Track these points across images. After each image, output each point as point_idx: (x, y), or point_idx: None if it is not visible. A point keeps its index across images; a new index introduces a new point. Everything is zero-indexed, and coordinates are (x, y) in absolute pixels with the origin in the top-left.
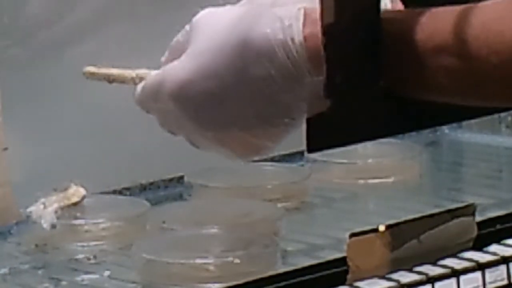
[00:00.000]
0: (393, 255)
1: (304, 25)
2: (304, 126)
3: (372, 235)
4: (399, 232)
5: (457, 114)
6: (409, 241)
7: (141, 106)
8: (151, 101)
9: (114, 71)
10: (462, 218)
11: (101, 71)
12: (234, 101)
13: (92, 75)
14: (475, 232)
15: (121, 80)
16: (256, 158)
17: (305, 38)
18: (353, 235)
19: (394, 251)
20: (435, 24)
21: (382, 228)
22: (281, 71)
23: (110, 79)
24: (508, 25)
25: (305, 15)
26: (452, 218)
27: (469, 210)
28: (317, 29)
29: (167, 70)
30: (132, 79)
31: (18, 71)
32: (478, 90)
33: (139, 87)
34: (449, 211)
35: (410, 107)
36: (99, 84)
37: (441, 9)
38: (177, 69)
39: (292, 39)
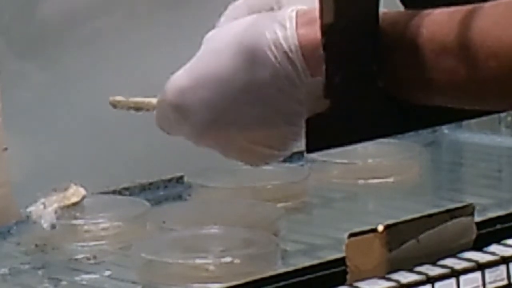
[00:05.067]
0: (392, 255)
1: (297, 24)
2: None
3: (370, 235)
4: (397, 232)
5: (457, 114)
6: (407, 241)
7: (160, 126)
8: (164, 119)
9: (142, 100)
10: (461, 218)
11: (128, 100)
12: (233, 107)
13: (119, 104)
14: (474, 232)
15: (149, 108)
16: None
17: (299, 37)
18: (351, 235)
19: (392, 251)
20: (434, 26)
21: (380, 228)
22: (275, 72)
23: (137, 107)
24: (505, 30)
25: (299, 15)
26: (451, 218)
27: (468, 210)
28: (312, 28)
29: (168, 81)
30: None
31: (18, 71)
32: (477, 93)
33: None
34: (447, 211)
35: (409, 107)
36: (98, 84)
37: (440, 11)
38: (174, 78)
39: (286, 38)
